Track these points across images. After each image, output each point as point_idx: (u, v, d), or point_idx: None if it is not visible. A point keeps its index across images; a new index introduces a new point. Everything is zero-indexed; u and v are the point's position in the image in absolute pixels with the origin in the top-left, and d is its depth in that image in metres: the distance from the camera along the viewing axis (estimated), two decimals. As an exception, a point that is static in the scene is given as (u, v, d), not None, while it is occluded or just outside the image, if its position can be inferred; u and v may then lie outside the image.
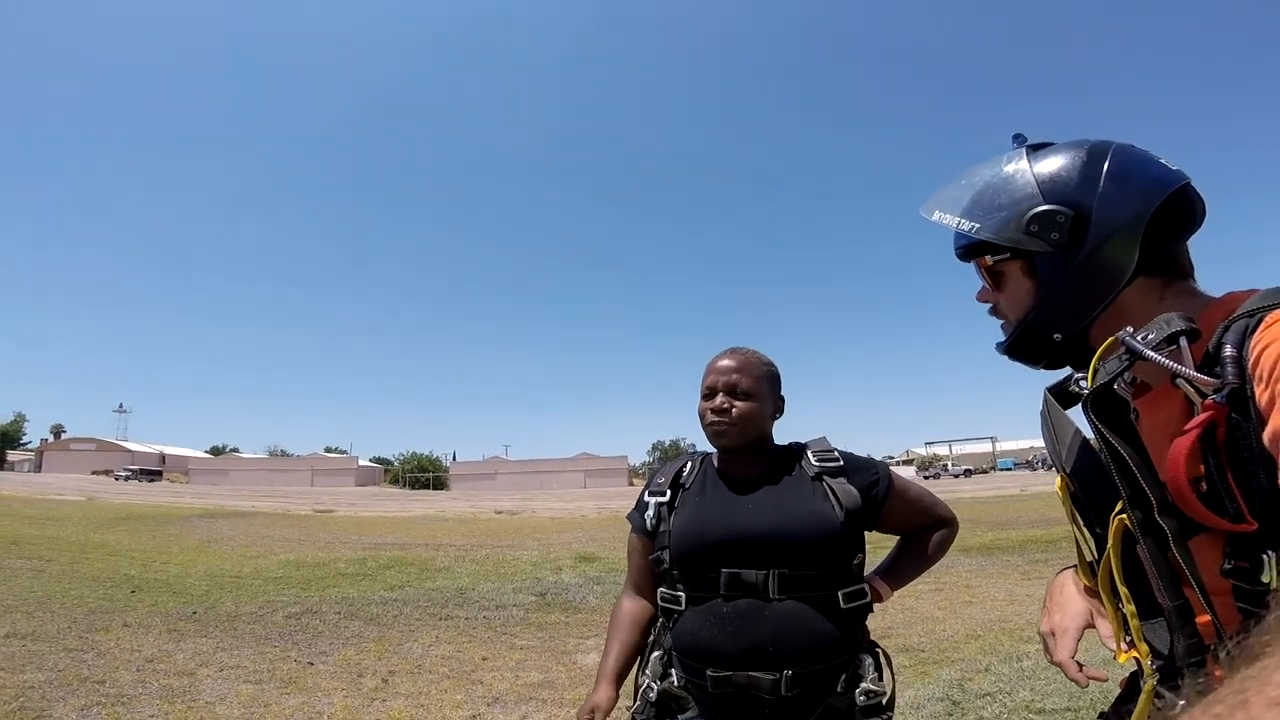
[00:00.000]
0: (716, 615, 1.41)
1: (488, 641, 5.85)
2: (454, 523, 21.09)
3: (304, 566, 10.21)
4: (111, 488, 41.42)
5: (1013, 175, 0.98)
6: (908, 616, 6.51)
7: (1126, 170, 0.92)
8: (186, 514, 20.69)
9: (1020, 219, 0.94)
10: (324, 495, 43.93)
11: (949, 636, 5.73)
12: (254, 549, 12.44)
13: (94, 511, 19.98)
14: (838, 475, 1.53)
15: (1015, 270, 0.99)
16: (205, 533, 15.11)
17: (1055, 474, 1.05)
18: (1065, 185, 0.93)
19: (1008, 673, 4.54)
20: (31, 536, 12.10)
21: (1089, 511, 0.96)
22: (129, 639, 5.42)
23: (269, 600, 7.37)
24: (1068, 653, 1.04)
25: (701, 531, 1.49)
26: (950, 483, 52.99)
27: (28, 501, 22.53)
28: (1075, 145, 0.97)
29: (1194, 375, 0.74)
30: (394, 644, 5.67)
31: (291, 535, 15.35)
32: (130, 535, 13.67)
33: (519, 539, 15.24)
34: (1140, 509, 0.81)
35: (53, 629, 5.59)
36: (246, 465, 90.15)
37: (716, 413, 1.57)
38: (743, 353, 1.64)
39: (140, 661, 4.81)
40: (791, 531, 1.43)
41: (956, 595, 7.54)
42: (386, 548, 13.15)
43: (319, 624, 6.32)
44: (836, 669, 1.40)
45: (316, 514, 23.56)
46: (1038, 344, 0.99)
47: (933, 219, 1.05)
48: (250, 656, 5.11)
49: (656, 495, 1.60)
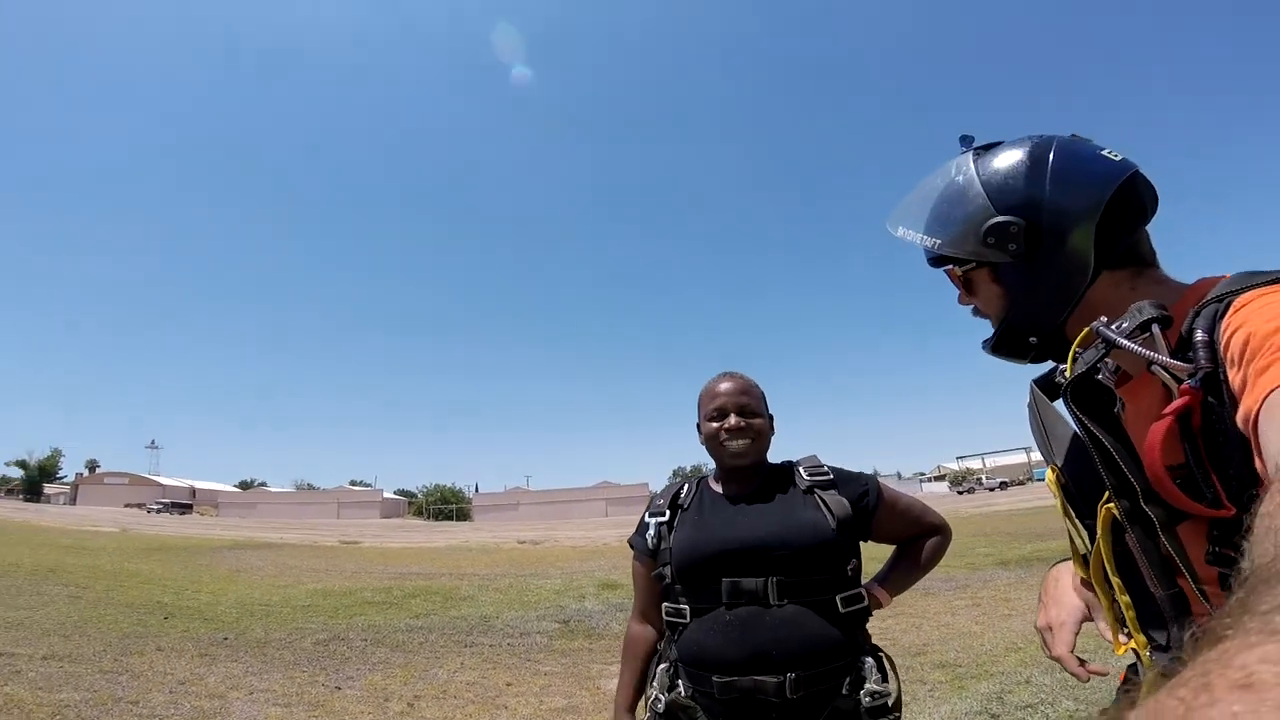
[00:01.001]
0: (720, 623, 1.46)
1: (512, 668, 5.85)
2: (477, 552, 21.07)
3: (331, 595, 10.29)
4: (144, 520, 42.04)
5: (963, 186, 0.99)
6: (944, 632, 6.39)
7: (1070, 169, 0.92)
8: (216, 545, 20.95)
9: (977, 231, 0.95)
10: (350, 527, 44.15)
11: (987, 650, 5.62)
12: (282, 578, 12.56)
13: (127, 542, 20.32)
14: (828, 488, 1.60)
15: (983, 277, 1.01)
16: (235, 563, 15.29)
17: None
18: (1013, 192, 0.94)
19: (1049, 684, 4.44)
20: (68, 565, 12.36)
21: (1079, 503, 0.96)
22: (162, 662, 5.53)
23: (297, 627, 7.44)
24: (1066, 647, 1.04)
25: (701, 544, 1.55)
26: (985, 496, 51.30)
27: (64, 532, 22.96)
28: (1019, 145, 0.97)
29: (1168, 361, 0.74)
30: (419, 670, 5.70)
31: (319, 565, 15.46)
32: (162, 565, 13.88)
33: (542, 568, 15.19)
34: (1126, 497, 0.81)
35: (88, 652, 5.71)
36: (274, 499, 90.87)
37: (733, 431, 1.63)
38: (740, 376, 1.73)
39: (173, 684, 4.90)
40: (786, 539, 1.49)
41: (994, 609, 7.40)
42: (411, 577, 13.19)
43: (346, 650, 6.37)
44: (839, 671, 1.44)
45: (343, 545, 23.69)
46: (1017, 344, 1.00)
47: (897, 234, 1.06)
48: (279, 680, 5.17)
49: (656, 516, 1.67)
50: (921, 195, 1.07)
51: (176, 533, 27.64)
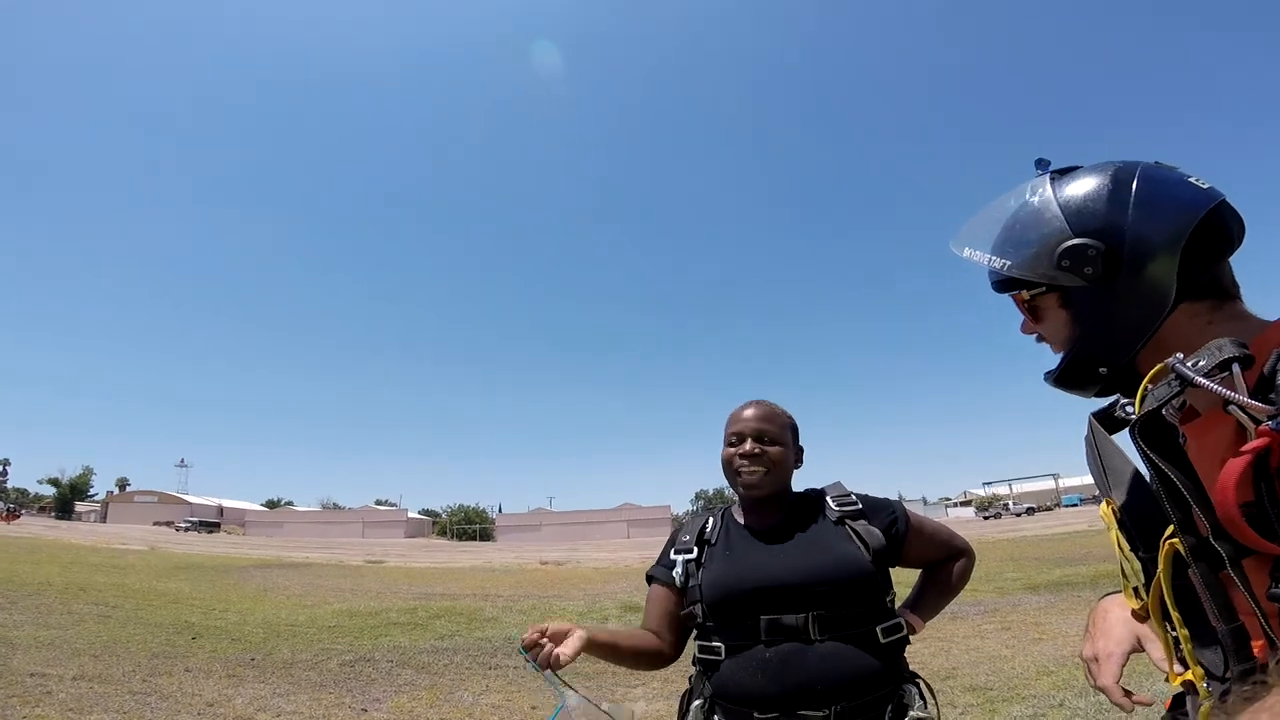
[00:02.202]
0: (759, 661, 1.43)
1: (536, 691, 5.80)
2: (501, 573, 21.06)
3: (357, 616, 10.32)
4: (172, 538, 42.58)
5: (1039, 207, 0.95)
6: (973, 656, 6.27)
7: (1155, 195, 0.89)
8: (244, 564, 21.16)
9: (1051, 254, 0.91)
10: (375, 546, 44.39)
11: (1019, 674, 5.52)
12: (309, 598, 12.63)
13: (156, 560, 20.57)
14: (858, 518, 1.58)
15: (1052, 303, 0.97)
16: (262, 582, 15.42)
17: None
18: (1093, 216, 0.90)
19: (1084, 707, 4.35)
20: (98, 584, 12.51)
21: (1135, 536, 0.94)
22: (190, 683, 5.55)
23: (324, 648, 7.46)
24: (1112, 677, 1.03)
25: (736, 581, 1.51)
26: (1012, 521, 50.62)
27: (94, 550, 23.31)
28: (1100, 170, 0.94)
29: (1247, 402, 0.71)
30: (445, 692, 5.67)
31: (345, 585, 15.54)
32: (191, 584, 14.02)
33: (565, 589, 15.13)
34: (1191, 533, 0.79)
35: (118, 672, 5.75)
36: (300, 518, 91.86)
37: (747, 458, 1.61)
38: (766, 404, 1.70)
39: (201, 706, 4.91)
40: (825, 575, 1.47)
41: (1025, 633, 7.28)
42: (436, 598, 13.20)
43: (373, 671, 6.37)
44: (882, 700, 1.42)
45: (368, 564, 23.83)
46: (1085, 376, 0.97)
47: (964, 255, 1.03)
48: (306, 703, 5.17)
49: (684, 553, 1.63)
50: (991, 216, 1.04)
51: (204, 551, 27.99)
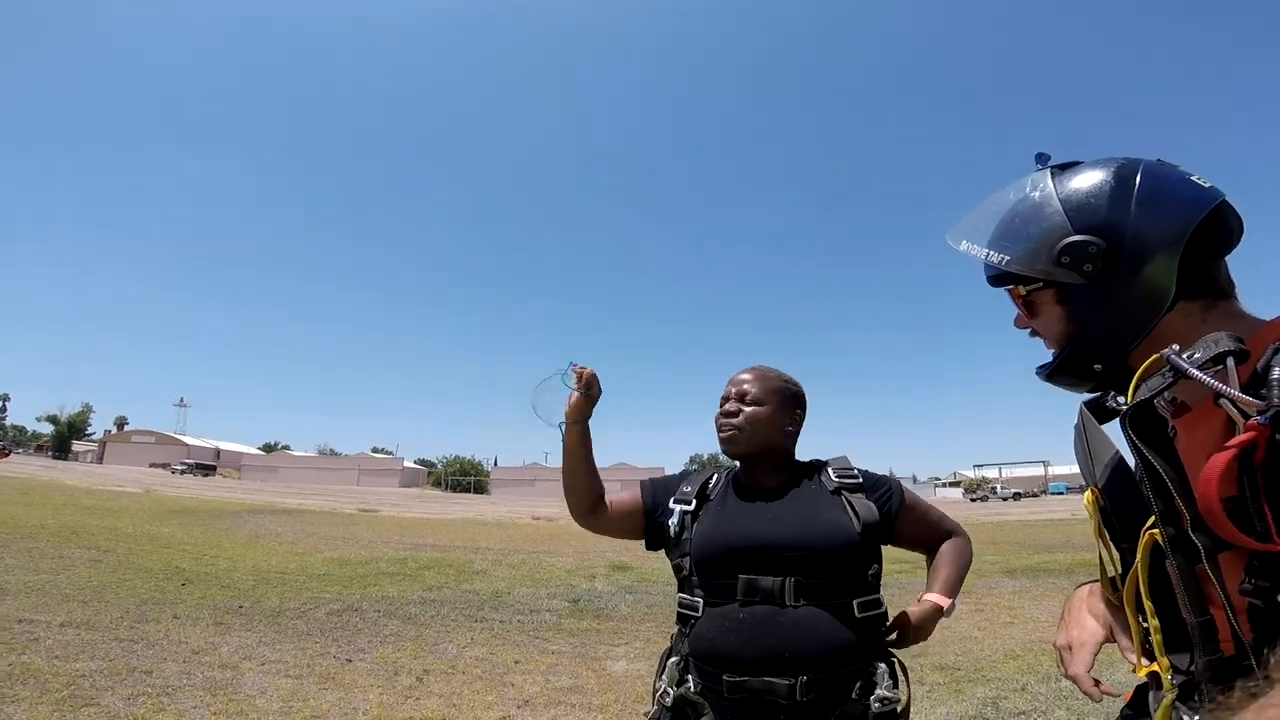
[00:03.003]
0: (733, 621, 1.45)
1: (520, 645, 5.90)
2: (493, 526, 21.33)
3: (347, 564, 10.44)
4: (168, 481, 42.91)
5: (1039, 202, 0.95)
6: (945, 635, 6.35)
7: (1158, 193, 0.88)
8: (238, 509, 21.34)
9: (1050, 250, 0.91)
10: (369, 495, 44.95)
11: (986, 656, 5.64)
12: (300, 545, 12.76)
13: (150, 504, 20.73)
14: (856, 491, 1.60)
15: (1049, 299, 0.97)
16: (254, 528, 15.56)
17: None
18: (1095, 212, 0.90)
19: (1045, 692, 4.46)
20: (91, 527, 12.60)
21: (1116, 526, 0.95)
22: (177, 631, 5.61)
23: (313, 597, 7.55)
24: (1083, 666, 1.05)
25: (721, 537, 1.54)
26: (999, 505, 51.74)
27: (88, 492, 23.47)
28: (1103, 166, 0.93)
29: (1238, 396, 0.73)
30: (430, 644, 5.76)
31: (337, 533, 15.71)
32: (183, 529, 14.13)
33: (555, 545, 15.32)
34: (1171, 525, 0.80)
35: (106, 619, 5.81)
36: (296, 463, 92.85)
37: (724, 415, 1.66)
38: (761, 368, 1.74)
39: (187, 653, 4.97)
40: (808, 540, 1.48)
41: (997, 616, 7.41)
42: (427, 549, 13.36)
43: (359, 621, 6.45)
44: (851, 675, 1.43)
45: (361, 513, 24.09)
46: (1078, 372, 0.97)
47: (960, 249, 1.03)
48: (292, 651, 5.24)
49: (682, 504, 1.66)
50: (989, 210, 1.03)
51: (199, 495, 28.24)
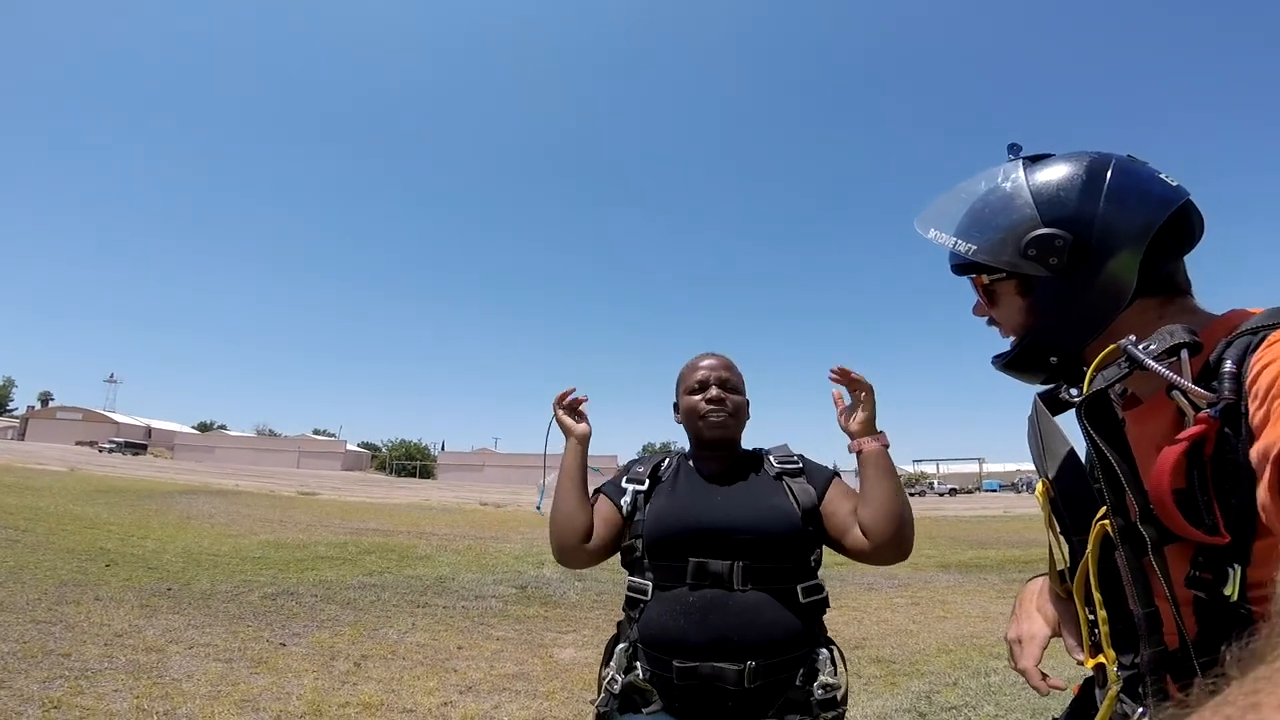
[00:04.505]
0: (682, 604, 1.45)
1: (464, 631, 5.80)
2: (438, 512, 21.01)
3: (284, 548, 10.12)
4: (94, 459, 40.98)
5: (1010, 193, 0.96)
6: (882, 628, 6.54)
7: (1127, 189, 0.89)
8: (169, 490, 20.53)
9: (1018, 241, 0.92)
10: (309, 478, 43.77)
11: (921, 649, 5.75)
12: (234, 528, 12.32)
13: (75, 483, 19.77)
14: (797, 476, 1.61)
15: (1011, 289, 0.99)
16: (186, 509, 14.97)
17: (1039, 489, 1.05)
18: (1064, 205, 0.90)
19: (975, 687, 4.57)
20: (8, 505, 11.95)
21: (1067, 518, 0.96)
22: (99, 613, 5.34)
23: (245, 580, 7.29)
24: (1032, 660, 1.07)
25: (672, 519, 1.54)
26: (935, 501, 53.39)
27: (8, 469, 22.25)
28: (1074, 160, 0.94)
29: (1190, 387, 0.74)
30: (369, 629, 5.61)
31: (273, 516, 15.24)
32: (109, 509, 13.51)
33: (503, 531, 15.17)
34: (1121, 516, 0.82)
35: (22, 600, 5.50)
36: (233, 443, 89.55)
37: (713, 403, 1.65)
38: (723, 357, 1.76)
39: (109, 636, 4.73)
40: (754, 524, 1.49)
41: (931, 610, 7.60)
42: (368, 533, 13.07)
43: (294, 605, 6.25)
44: (796, 662, 1.43)
45: (300, 496, 23.44)
46: (1034, 363, 0.98)
47: (928, 236, 1.03)
48: (222, 635, 5.04)
49: (635, 483, 1.66)
50: (958, 198, 1.03)
51: (128, 475, 27.06)
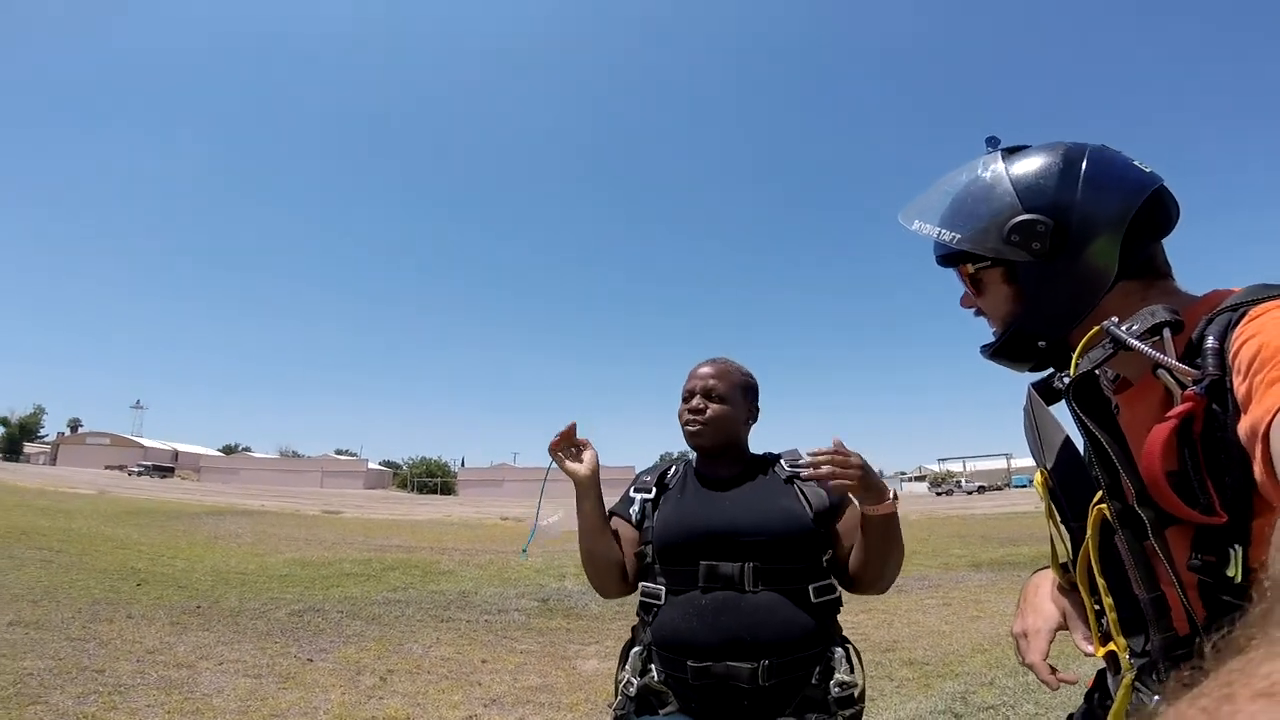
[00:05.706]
0: (695, 607, 1.48)
1: (488, 644, 5.83)
2: (460, 527, 21.07)
3: (309, 565, 10.22)
4: (124, 483, 41.62)
5: (990, 183, 0.98)
6: (914, 630, 6.45)
7: (1103, 175, 0.92)
8: (196, 511, 20.76)
9: (1000, 229, 0.94)
10: (333, 496, 44.09)
11: (954, 650, 5.67)
12: (260, 547, 12.46)
13: (105, 505, 20.07)
14: (808, 480, 1.58)
15: (996, 277, 1.00)
16: (213, 529, 15.16)
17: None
18: (1043, 192, 0.93)
19: (1012, 686, 4.49)
20: (42, 528, 12.17)
21: (1066, 506, 0.97)
22: (131, 630, 5.44)
23: (273, 597, 7.38)
24: (1039, 654, 1.06)
25: (681, 524, 1.57)
26: (964, 499, 51.94)
27: (40, 493, 22.68)
28: (1051, 149, 0.97)
29: (1175, 365, 0.75)
30: (394, 644, 5.65)
31: (299, 535, 15.37)
32: (139, 530, 13.71)
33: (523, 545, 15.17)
34: (1118, 499, 0.82)
35: (56, 618, 5.61)
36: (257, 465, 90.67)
37: (692, 412, 1.69)
38: (721, 361, 1.77)
39: (141, 652, 4.82)
40: (764, 526, 1.51)
41: (964, 610, 7.48)
42: (391, 550, 13.15)
43: (321, 622, 6.32)
44: (810, 660, 1.45)
45: (324, 515, 23.63)
46: (1022, 350, 1.00)
47: (912, 228, 1.05)
48: (250, 651, 5.11)
49: (642, 492, 1.71)
50: (941, 190, 1.07)
51: (156, 497, 27.41)
